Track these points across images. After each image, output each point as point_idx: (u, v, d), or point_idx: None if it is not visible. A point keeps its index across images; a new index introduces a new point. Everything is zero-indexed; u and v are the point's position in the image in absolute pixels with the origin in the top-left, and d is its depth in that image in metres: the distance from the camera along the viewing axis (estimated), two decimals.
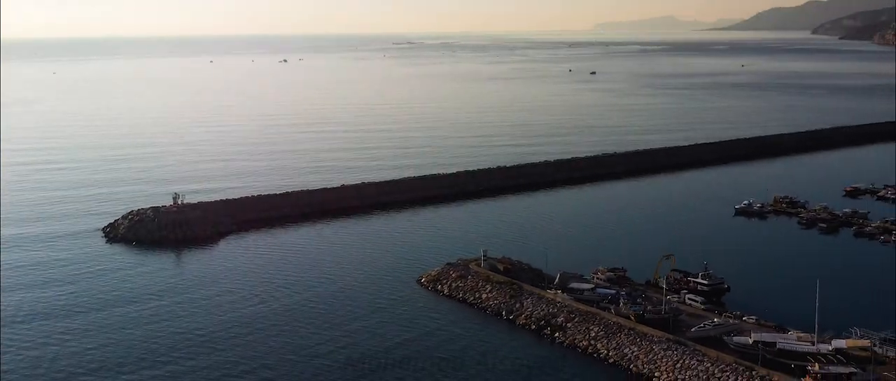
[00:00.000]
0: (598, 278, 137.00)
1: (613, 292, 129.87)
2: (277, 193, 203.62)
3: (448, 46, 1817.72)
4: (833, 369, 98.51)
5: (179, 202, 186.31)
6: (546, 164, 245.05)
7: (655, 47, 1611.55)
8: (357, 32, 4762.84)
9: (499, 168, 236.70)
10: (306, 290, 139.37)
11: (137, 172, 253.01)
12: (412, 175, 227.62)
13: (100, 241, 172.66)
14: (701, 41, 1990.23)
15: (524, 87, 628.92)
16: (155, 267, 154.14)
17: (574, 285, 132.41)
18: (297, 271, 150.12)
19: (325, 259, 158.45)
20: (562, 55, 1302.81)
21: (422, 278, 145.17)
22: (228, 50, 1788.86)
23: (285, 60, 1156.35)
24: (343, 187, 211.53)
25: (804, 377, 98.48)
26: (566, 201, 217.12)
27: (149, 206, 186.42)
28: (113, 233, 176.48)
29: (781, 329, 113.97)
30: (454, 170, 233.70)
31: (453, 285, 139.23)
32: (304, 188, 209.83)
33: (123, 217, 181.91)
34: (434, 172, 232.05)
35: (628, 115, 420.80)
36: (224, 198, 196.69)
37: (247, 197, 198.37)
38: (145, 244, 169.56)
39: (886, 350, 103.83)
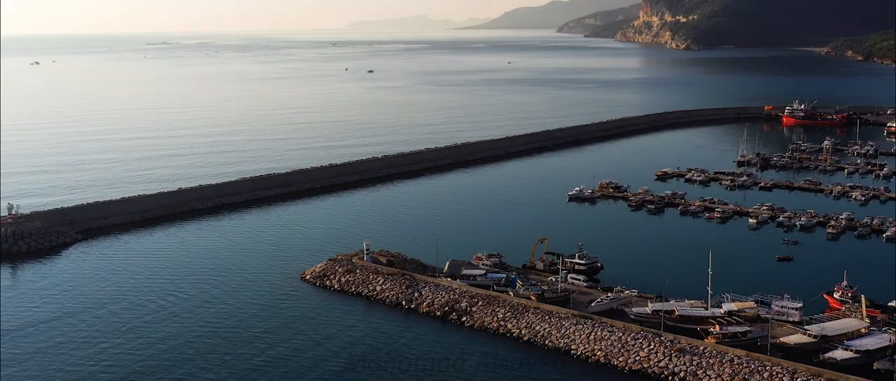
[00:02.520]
0: (484, 264, 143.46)
1: (504, 275, 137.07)
2: (117, 198, 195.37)
3: (207, 47, 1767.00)
4: (731, 328, 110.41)
5: (14, 213, 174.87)
6: (374, 159, 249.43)
7: (419, 46, 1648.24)
8: (107, 32, 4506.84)
9: (338, 165, 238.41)
10: (169, 297, 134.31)
11: None
12: (243, 176, 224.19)
13: None
14: (461, 40, 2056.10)
15: (311, 85, 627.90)
16: None
17: (466, 271, 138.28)
18: (158, 279, 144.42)
19: (190, 263, 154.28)
20: (329, 54, 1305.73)
21: (305, 274, 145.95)
22: None
23: (38, 62, 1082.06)
24: (180, 191, 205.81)
25: (707, 337, 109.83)
26: (408, 193, 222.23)
27: None
28: None
29: (665, 299, 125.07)
30: (285, 169, 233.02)
31: (342, 279, 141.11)
32: (144, 193, 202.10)
33: None
34: (267, 171, 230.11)
35: (429, 110, 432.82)
36: (62, 206, 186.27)
37: (90, 204, 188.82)
38: None
39: (765, 310, 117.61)
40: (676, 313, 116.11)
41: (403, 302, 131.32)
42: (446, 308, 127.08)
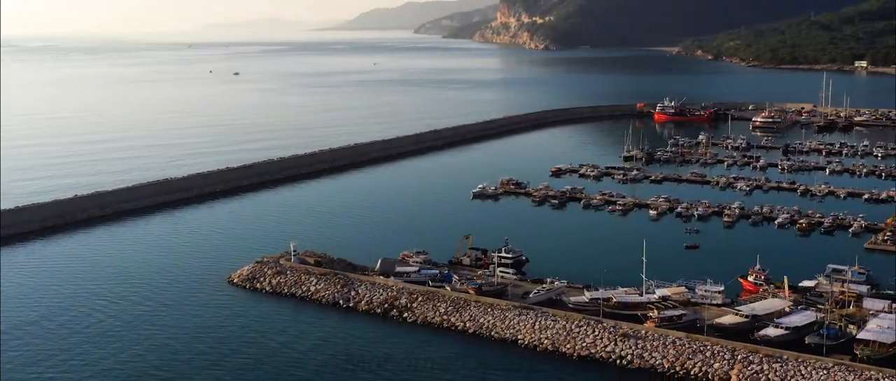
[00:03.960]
0: (414, 261, 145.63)
1: (437, 271, 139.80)
2: (10, 208, 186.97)
3: (56, 49, 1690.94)
4: (667, 312, 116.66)
5: None
6: (270, 162, 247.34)
7: (279, 48, 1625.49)
8: None
9: (235, 168, 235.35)
10: (91, 314, 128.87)
11: None
12: (138, 182, 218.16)
13: None
14: (319, 41, 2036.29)
15: (182, 89, 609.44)
16: None
17: (400, 268, 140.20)
18: (73, 295, 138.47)
19: (108, 274, 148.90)
20: (187, 57, 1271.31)
21: (232, 278, 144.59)
22: None
23: None
24: (76, 198, 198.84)
25: (646, 321, 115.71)
26: (314, 194, 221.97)
27: None
28: None
29: (594, 288, 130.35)
30: (180, 173, 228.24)
31: (273, 281, 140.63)
32: (38, 201, 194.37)
33: None
34: (162, 176, 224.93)
35: (311, 112, 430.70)
36: None
37: None
38: None
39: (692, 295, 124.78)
40: (614, 300, 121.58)
41: (340, 301, 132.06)
42: (386, 306, 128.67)
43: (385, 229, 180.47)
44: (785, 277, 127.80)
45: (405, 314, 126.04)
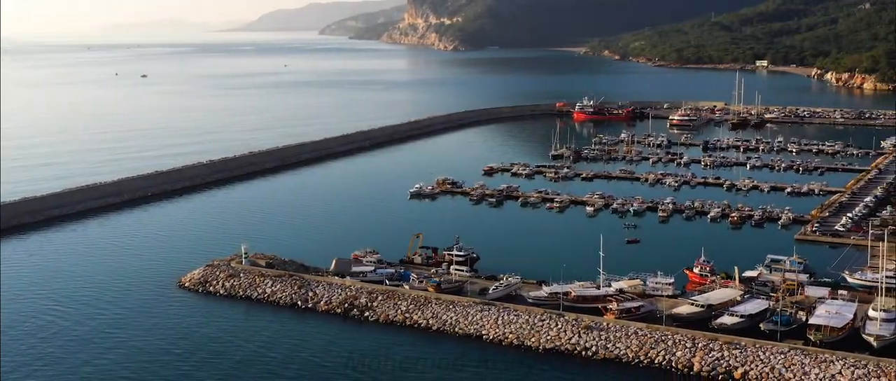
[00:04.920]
0: (367, 261, 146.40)
1: (393, 270, 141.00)
2: None
3: None
4: (626, 304, 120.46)
5: None
6: (200, 165, 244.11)
7: (185, 49, 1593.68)
8: None
9: (165, 172, 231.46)
10: (41, 320, 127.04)
11: None
12: (65, 187, 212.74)
13: None
14: (225, 42, 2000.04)
15: (93, 92, 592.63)
16: None
17: (356, 268, 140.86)
18: (13, 295, 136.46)
19: (52, 281, 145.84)
20: (89, 58, 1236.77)
21: (183, 282, 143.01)
22: None
23: None
24: (4, 205, 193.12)
25: (606, 313, 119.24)
26: (252, 197, 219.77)
27: None
28: None
29: (547, 284, 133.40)
30: (110, 178, 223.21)
31: (226, 284, 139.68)
32: None
33: None
34: (90, 181, 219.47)
35: (231, 114, 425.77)
36: None
37: None
38: None
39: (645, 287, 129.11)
40: (573, 294, 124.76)
41: (299, 302, 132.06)
42: (346, 305, 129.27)
43: (328, 230, 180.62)
44: (736, 267, 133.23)
45: (366, 313, 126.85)
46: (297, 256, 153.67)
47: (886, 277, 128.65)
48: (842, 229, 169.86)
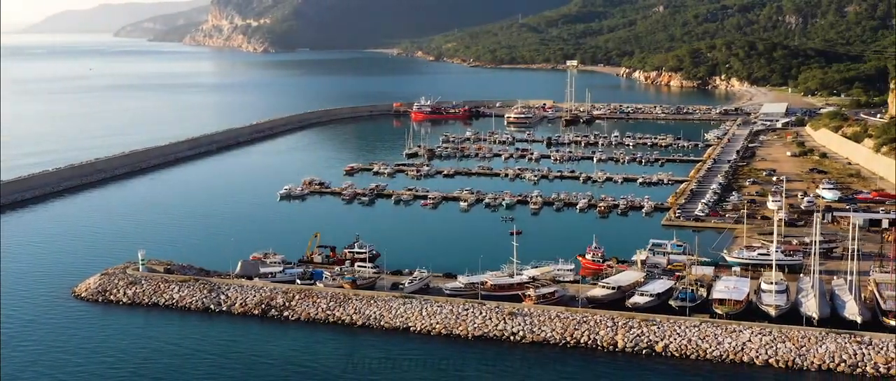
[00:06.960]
0: (272, 261, 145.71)
1: (302, 269, 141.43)
2: None
3: None
4: (542, 290, 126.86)
5: None
6: (44, 173, 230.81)
7: None
8: None
9: (10, 182, 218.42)
10: None
11: None
12: None
13: None
14: (14, 46, 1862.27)
15: None
16: None
17: (265, 269, 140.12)
18: None
19: None
20: None
21: (78, 291, 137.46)
22: None
23: None
24: None
25: (524, 300, 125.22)
26: (113, 203, 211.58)
27: None
28: None
29: (453, 276, 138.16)
30: None
31: (128, 292, 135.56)
32: None
33: None
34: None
35: (54, 120, 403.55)
36: None
37: None
38: None
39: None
40: (489, 283, 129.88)
41: (212, 306, 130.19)
42: (263, 306, 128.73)
43: (207, 234, 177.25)
44: (639, 250, 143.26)
45: (286, 313, 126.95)
46: (187, 260, 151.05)
47: (759, 254, 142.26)
48: (701, 214, 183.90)
